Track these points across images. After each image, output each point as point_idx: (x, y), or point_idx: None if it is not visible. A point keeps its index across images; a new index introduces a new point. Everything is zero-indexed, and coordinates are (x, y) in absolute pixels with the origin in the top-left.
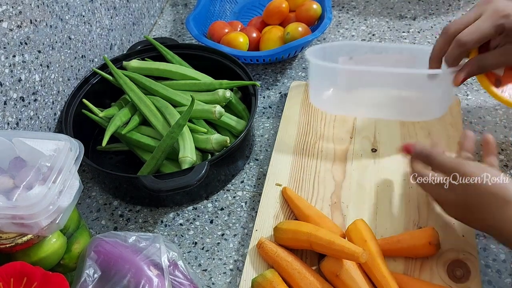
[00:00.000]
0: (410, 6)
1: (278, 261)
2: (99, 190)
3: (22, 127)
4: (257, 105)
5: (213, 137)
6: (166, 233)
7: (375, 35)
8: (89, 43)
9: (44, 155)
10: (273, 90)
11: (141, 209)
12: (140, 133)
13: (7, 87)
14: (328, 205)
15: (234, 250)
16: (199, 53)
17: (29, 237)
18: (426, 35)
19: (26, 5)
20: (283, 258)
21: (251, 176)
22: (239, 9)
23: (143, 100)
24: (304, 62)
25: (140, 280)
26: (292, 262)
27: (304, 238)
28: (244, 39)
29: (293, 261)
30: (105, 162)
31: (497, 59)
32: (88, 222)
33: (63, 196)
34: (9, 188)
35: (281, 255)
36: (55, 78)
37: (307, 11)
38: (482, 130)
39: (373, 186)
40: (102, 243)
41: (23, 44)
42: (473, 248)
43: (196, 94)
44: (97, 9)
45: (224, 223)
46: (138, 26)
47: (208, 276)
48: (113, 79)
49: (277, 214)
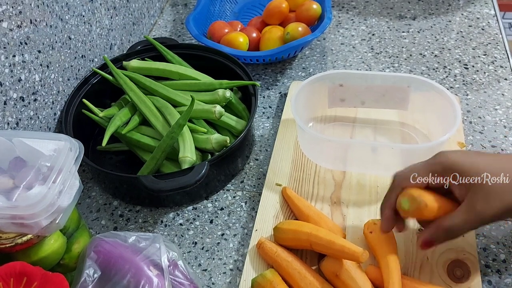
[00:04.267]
0: (410, 6)
1: (278, 261)
2: (99, 190)
3: (22, 127)
4: (257, 105)
5: (213, 137)
6: (166, 233)
7: (375, 35)
8: (89, 43)
9: (44, 155)
10: (273, 90)
11: (141, 209)
12: (140, 133)
13: (7, 87)
14: (328, 205)
15: (234, 250)
16: (199, 53)
17: (29, 237)
18: (426, 35)
19: (26, 5)
20: (283, 258)
21: (251, 176)
22: (239, 9)
23: (143, 100)
24: (304, 62)
25: (140, 280)
26: (292, 262)
27: (304, 238)
28: (244, 39)
29: (293, 261)
30: (105, 162)
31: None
32: (88, 222)
33: (63, 196)
34: (9, 188)
35: (281, 255)
36: (55, 78)
37: (307, 11)
38: (482, 130)
39: (373, 186)
40: (102, 243)
41: (23, 44)
42: (473, 248)
43: (196, 94)
44: (97, 9)
45: (224, 223)
46: (138, 26)
47: (208, 276)
48: (113, 79)
49: (277, 214)
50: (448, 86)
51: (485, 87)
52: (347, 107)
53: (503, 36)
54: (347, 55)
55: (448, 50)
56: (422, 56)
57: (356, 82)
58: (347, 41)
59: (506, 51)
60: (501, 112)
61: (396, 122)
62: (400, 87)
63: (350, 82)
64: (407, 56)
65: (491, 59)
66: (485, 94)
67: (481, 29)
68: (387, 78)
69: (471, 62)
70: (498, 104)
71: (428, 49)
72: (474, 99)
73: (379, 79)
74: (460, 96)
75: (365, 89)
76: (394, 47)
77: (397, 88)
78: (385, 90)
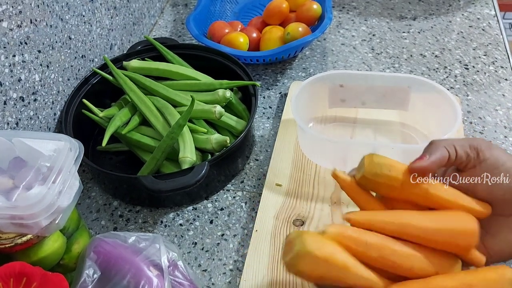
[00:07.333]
0: (411, 6)
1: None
2: (99, 191)
3: (22, 127)
4: (257, 105)
5: (213, 137)
6: (166, 234)
7: (376, 35)
8: (89, 43)
9: (44, 155)
10: (273, 90)
11: (141, 209)
12: (140, 133)
13: (7, 87)
14: (328, 205)
15: (234, 251)
16: (199, 53)
17: (29, 237)
18: (426, 35)
19: (26, 5)
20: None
21: (251, 176)
22: (239, 9)
23: (143, 100)
24: (304, 62)
25: (140, 280)
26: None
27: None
28: (244, 39)
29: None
30: (105, 162)
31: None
32: (88, 222)
33: (63, 196)
34: (9, 188)
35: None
36: (55, 78)
37: (308, 11)
38: (482, 131)
39: None
40: (102, 243)
41: (23, 43)
42: None
43: (196, 94)
44: (97, 9)
45: (224, 224)
46: (138, 26)
47: (208, 276)
48: (113, 79)
49: (277, 215)
50: (448, 86)
51: (485, 87)
52: (347, 108)
53: (503, 37)
54: (348, 55)
55: (448, 51)
56: (422, 56)
57: (357, 82)
58: (347, 42)
59: (507, 51)
60: (501, 112)
61: (397, 123)
62: (401, 87)
63: (350, 83)
64: (408, 56)
65: (492, 59)
66: (486, 95)
67: (482, 29)
68: (388, 79)
69: (472, 63)
70: (499, 104)
71: (429, 49)
72: (474, 100)
73: (380, 80)
74: (461, 96)
75: (366, 90)
76: (394, 48)
77: (397, 88)
78: (386, 90)
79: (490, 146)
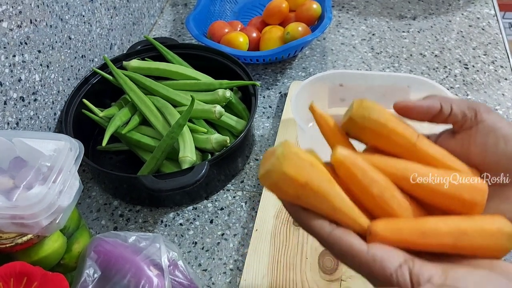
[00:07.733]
0: (410, 6)
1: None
2: (99, 190)
3: (22, 127)
4: (257, 105)
5: (213, 137)
6: (166, 233)
7: (375, 34)
8: (89, 43)
9: (44, 155)
10: (273, 90)
11: (141, 209)
12: (140, 133)
13: (7, 87)
14: None
15: (234, 250)
16: (199, 53)
17: (29, 237)
18: (426, 35)
19: (26, 5)
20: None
21: (251, 176)
22: (239, 9)
23: (143, 100)
24: (304, 62)
25: (140, 280)
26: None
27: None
28: (244, 39)
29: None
30: (105, 162)
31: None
32: (88, 222)
33: (63, 196)
34: (9, 188)
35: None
36: (55, 78)
37: (307, 11)
38: None
39: None
40: (102, 243)
41: (23, 44)
42: None
43: (196, 94)
44: (97, 9)
45: (224, 223)
46: (138, 26)
47: (208, 276)
48: (113, 79)
49: (277, 214)
50: (448, 86)
51: (485, 87)
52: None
53: (503, 36)
54: (347, 55)
55: (448, 50)
56: (422, 56)
57: (356, 82)
58: (347, 41)
59: (506, 51)
60: (501, 112)
61: None
62: (400, 87)
63: (350, 82)
64: (407, 56)
65: (491, 59)
66: (485, 94)
67: (481, 29)
68: (387, 78)
69: (471, 62)
70: (499, 104)
71: (428, 49)
72: (474, 99)
73: (379, 79)
74: (461, 96)
75: (365, 89)
76: (394, 47)
77: (397, 88)
78: (385, 90)
79: (490, 110)
